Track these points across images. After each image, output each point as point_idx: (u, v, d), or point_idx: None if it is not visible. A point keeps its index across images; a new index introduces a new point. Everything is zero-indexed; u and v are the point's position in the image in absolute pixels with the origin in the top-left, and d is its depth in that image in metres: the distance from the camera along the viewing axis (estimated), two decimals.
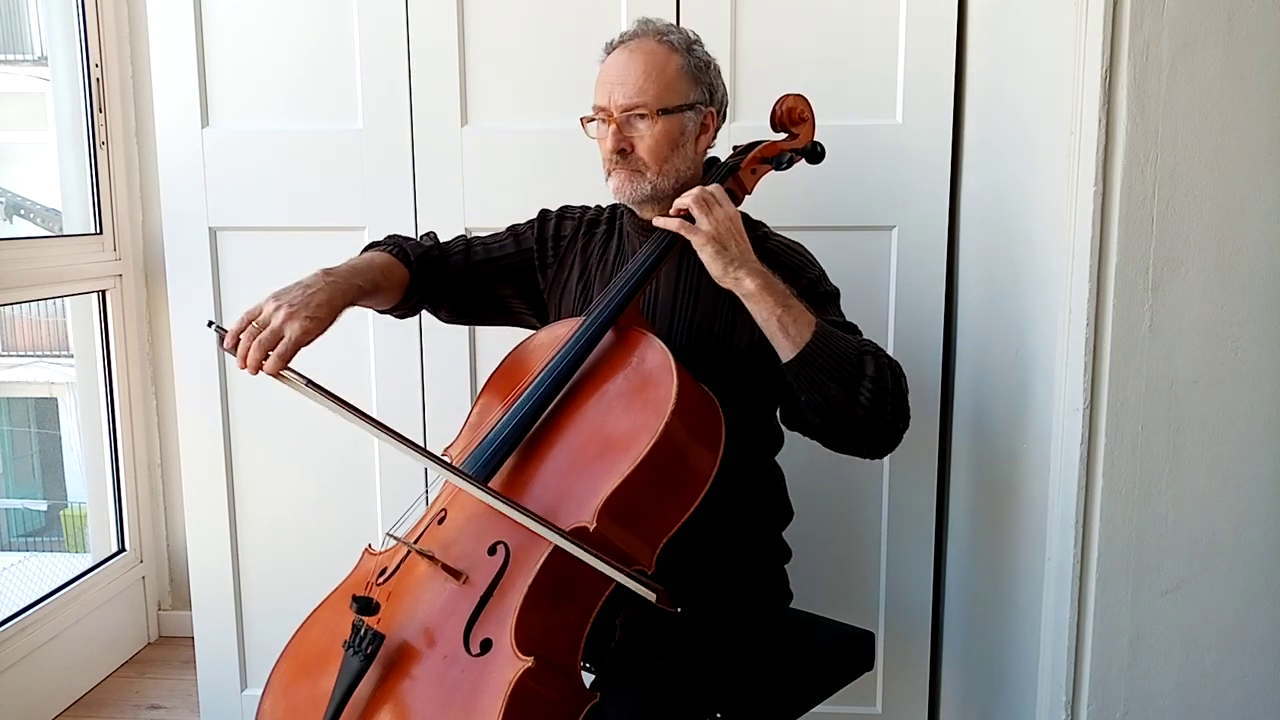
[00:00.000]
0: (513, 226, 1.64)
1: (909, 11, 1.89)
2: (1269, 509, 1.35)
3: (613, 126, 1.40)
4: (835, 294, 1.47)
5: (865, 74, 1.92)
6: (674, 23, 1.46)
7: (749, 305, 1.31)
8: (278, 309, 1.30)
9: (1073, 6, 1.37)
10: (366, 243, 1.59)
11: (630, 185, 1.42)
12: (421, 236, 1.63)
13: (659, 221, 1.37)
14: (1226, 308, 1.32)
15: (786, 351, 1.30)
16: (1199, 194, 1.31)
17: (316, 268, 1.39)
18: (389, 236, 1.58)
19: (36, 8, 2.58)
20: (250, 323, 1.30)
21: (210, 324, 1.37)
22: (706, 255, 1.31)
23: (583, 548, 1.21)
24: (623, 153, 1.40)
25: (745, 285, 1.30)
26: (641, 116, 1.39)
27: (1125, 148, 1.31)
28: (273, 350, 1.28)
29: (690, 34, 1.45)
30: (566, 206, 1.63)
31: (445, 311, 1.61)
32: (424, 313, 1.63)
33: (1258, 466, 1.35)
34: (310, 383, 1.28)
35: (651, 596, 1.22)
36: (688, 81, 1.41)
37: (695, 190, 1.34)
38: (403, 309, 1.56)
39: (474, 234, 2.01)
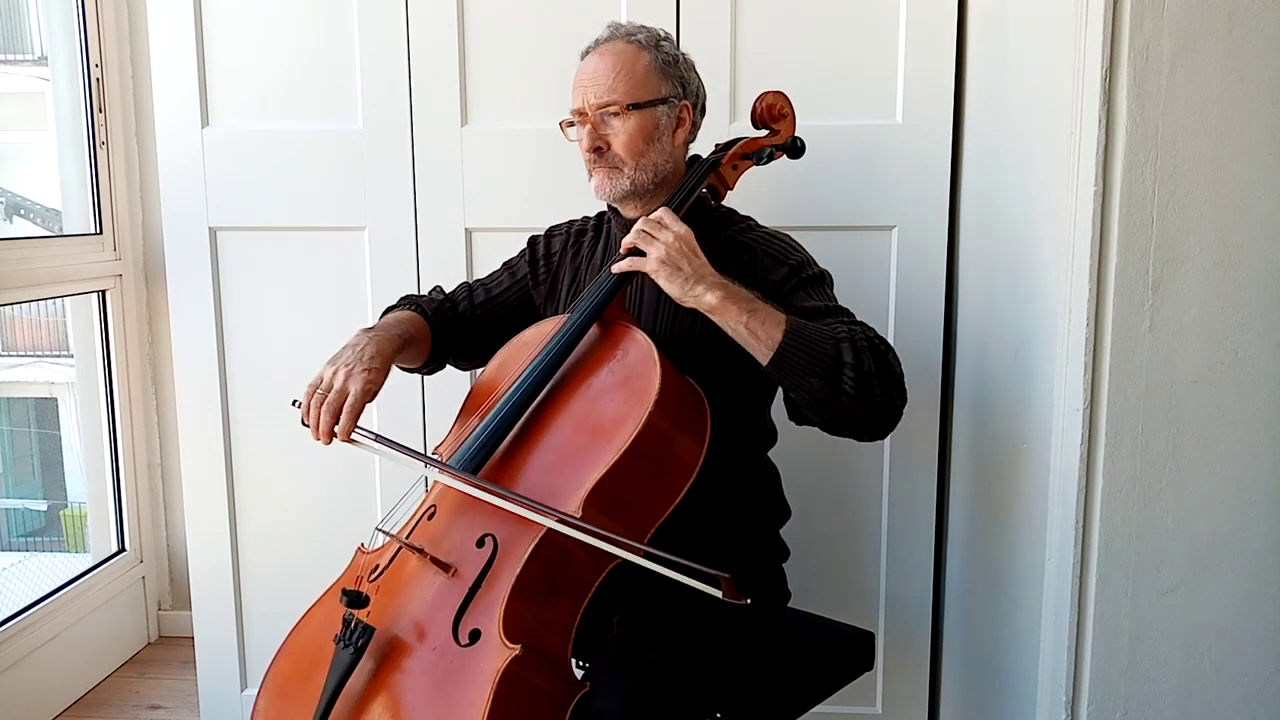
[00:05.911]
0: (506, 262, 1.68)
1: (909, 11, 1.89)
2: (1269, 509, 1.35)
3: (588, 126, 1.44)
4: (821, 276, 1.46)
5: (865, 74, 1.92)
6: (643, 24, 1.48)
7: (716, 320, 1.30)
8: (335, 371, 1.37)
9: (1073, 7, 1.37)
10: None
11: (609, 182, 1.45)
12: (430, 291, 1.67)
13: (615, 268, 1.36)
14: (1226, 308, 1.32)
15: (762, 357, 1.28)
16: (1199, 194, 1.31)
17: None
18: (402, 298, 1.64)
19: (36, 8, 2.58)
20: (315, 391, 1.37)
21: (294, 402, 1.41)
22: (662, 280, 1.31)
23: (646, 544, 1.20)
24: (599, 150, 1.44)
25: (706, 300, 1.28)
26: (614, 114, 1.42)
27: (1125, 148, 1.31)
28: (342, 409, 1.34)
29: (659, 31, 1.48)
30: (553, 226, 1.68)
31: (464, 361, 1.66)
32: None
33: (1258, 467, 1.35)
34: (380, 438, 1.35)
35: (716, 593, 1.14)
36: (658, 76, 1.45)
37: (636, 225, 1.34)
38: (431, 365, 1.61)
39: (475, 234, 2.03)
